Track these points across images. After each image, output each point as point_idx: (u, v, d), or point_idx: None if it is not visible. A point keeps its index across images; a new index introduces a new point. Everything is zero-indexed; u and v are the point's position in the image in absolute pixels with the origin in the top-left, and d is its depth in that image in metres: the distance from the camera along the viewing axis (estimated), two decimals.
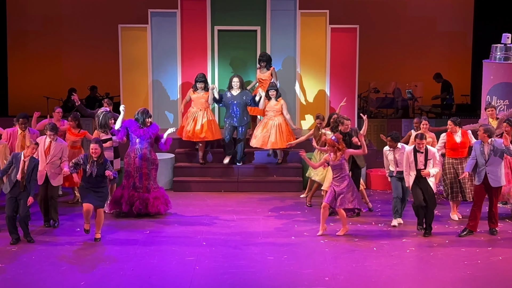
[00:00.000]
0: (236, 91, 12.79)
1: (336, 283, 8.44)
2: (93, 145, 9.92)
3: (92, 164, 9.86)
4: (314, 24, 14.65)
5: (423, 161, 10.14)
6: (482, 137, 10.11)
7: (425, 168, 10.13)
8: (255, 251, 9.55)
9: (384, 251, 9.58)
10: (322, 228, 10.29)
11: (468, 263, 9.13)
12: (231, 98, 12.78)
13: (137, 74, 14.73)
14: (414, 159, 10.16)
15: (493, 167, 10.08)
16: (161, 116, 14.78)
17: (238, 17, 14.63)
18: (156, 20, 14.63)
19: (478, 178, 10.18)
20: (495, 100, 12.39)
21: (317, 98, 14.78)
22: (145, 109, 11.33)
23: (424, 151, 10.15)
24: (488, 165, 10.07)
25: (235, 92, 12.80)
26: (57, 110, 12.23)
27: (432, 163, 10.16)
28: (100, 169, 9.89)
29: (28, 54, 17.80)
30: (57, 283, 8.39)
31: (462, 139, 10.88)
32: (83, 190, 9.98)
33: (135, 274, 8.69)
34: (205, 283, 8.42)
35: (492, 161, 10.06)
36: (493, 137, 10.16)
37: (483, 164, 10.09)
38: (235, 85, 12.81)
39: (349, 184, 10.24)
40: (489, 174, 10.07)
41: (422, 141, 10.14)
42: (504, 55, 12.45)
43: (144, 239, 10.05)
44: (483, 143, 10.12)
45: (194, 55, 14.68)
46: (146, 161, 11.07)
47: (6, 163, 9.90)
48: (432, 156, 10.18)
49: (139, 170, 11.03)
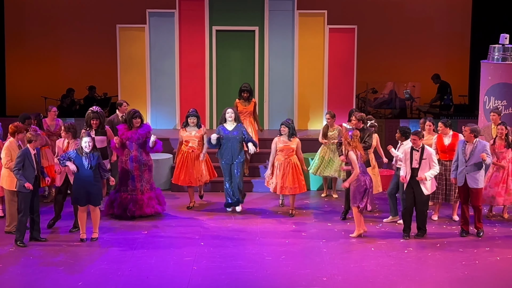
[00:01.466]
0: (231, 125, 11.40)
1: (334, 283, 8.44)
2: (85, 139, 9.85)
3: (86, 156, 9.81)
4: (312, 25, 14.65)
5: (417, 160, 10.02)
6: (468, 137, 10.08)
7: (419, 167, 10.07)
8: (253, 251, 9.55)
9: (382, 252, 9.58)
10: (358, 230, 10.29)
11: (465, 263, 9.14)
12: (226, 133, 11.36)
13: (135, 74, 14.73)
14: (410, 157, 10.11)
15: (472, 167, 10.03)
16: (159, 117, 14.78)
17: (236, 17, 14.64)
18: (154, 20, 14.63)
19: (460, 179, 10.17)
20: (493, 100, 12.39)
21: (315, 98, 14.78)
22: (132, 110, 11.15)
23: (420, 150, 10.11)
24: (468, 165, 10.04)
25: (230, 126, 11.41)
26: (53, 109, 12.17)
27: (428, 164, 10.05)
28: (94, 161, 9.83)
29: (26, 54, 17.78)
30: (54, 283, 8.39)
31: (452, 141, 10.82)
32: (75, 191, 9.89)
33: (132, 274, 8.69)
34: (203, 284, 8.42)
35: (472, 161, 10.02)
36: (478, 137, 10.16)
37: (463, 164, 10.07)
38: (229, 118, 11.43)
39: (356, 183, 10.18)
40: (467, 174, 10.06)
41: (415, 137, 10.08)
42: (502, 56, 12.45)
43: (141, 239, 10.05)
44: (467, 143, 10.11)
45: (192, 55, 14.68)
46: (137, 163, 10.97)
47: (17, 162, 9.67)
48: (428, 156, 10.04)
49: (131, 173, 10.98)
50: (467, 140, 10.14)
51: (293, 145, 11.01)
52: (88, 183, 9.84)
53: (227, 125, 11.38)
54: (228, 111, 11.41)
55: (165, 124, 14.69)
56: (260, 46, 14.66)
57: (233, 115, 11.37)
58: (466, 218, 10.27)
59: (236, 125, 11.38)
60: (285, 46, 14.69)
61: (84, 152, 9.81)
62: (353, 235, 10.21)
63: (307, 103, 14.80)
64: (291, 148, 11.00)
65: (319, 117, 14.76)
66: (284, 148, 11.01)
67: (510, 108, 12.28)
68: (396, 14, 17.81)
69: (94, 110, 11.24)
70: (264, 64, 14.74)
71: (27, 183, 9.57)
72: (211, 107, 14.88)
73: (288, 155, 11.01)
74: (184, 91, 14.77)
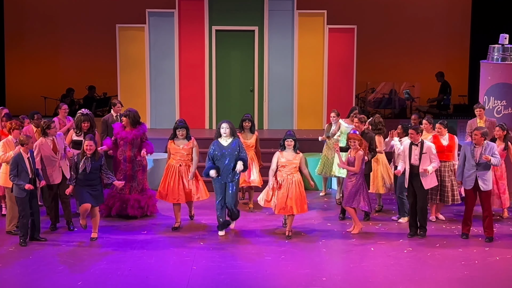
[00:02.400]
0: (227, 140, 10.20)
1: (333, 283, 8.44)
2: (87, 142, 9.86)
3: (86, 160, 9.82)
4: (311, 24, 14.67)
5: (417, 155, 10.01)
6: (479, 141, 9.96)
7: (419, 163, 10.04)
8: (253, 251, 9.55)
9: (381, 252, 9.58)
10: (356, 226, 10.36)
11: (465, 263, 9.14)
12: (221, 150, 10.20)
13: (134, 74, 14.74)
14: (409, 153, 10.08)
15: (483, 170, 9.96)
16: (159, 116, 14.78)
17: (236, 17, 14.65)
18: (154, 20, 14.64)
19: (468, 183, 10.04)
20: (492, 100, 12.39)
21: (315, 98, 14.79)
22: (127, 109, 11.09)
23: (419, 145, 10.09)
24: (478, 169, 9.97)
25: (225, 141, 10.22)
26: (63, 107, 12.16)
27: (428, 158, 10.02)
28: (95, 164, 9.84)
29: (25, 54, 17.79)
30: (54, 283, 8.39)
31: (449, 143, 10.79)
32: (78, 191, 9.92)
33: (132, 274, 8.69)
34: (202, 283, 8.42)
35: (482, 164, 9.94)
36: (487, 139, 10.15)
37: (473, 167, 9.97)
38: (224, 132, 10.19)
39: (356, 184, 10.22)
40: (479, 178, 9.97)
41: (413, 131, 10.05)
42: (502, 56, 12.45)
43: (141, 239, 10.04)
44: (475, 146, 9.98)
45: (192, 55, 14.70)
46: (130, 163, 10.93)
47: (11, 169, 9.70)
48: (428, 150, 10.02)
49: (124, 172, 10.96)
50: (477, 143, 9.99)
51: (296, 160, 10.06)
52: (90, 184, 9.86)
53: (222, 140, 10.19)
54: (222, 125, 10.19)
55: (165, 123, 14.68)
56: (260, 46, 14.66)
57: (228, 130, 10.13)
58: (470, 221, 10.21)
59: (232, 140, 10.18)
60: (285, 46, 14.70)
61: (85, 156, 9.83)
62: (353, 232, 10.25)
63: (306, 102, 14.81)
64: (294, 164, 10.08)
65: (319, 116, 14.78)
66: (288, 163, 10.09)
67: (509, 108, 12.27)
68: (395, 14, 17.81)
69: (84, 112, 11.16)
70: (263, 64, 14.75)
71: (27, 185, 9.57)
72: (210, 107, 14.89)
73: (292, 172, 10.12)
74: (184, 90, 14.77)
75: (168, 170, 10.53)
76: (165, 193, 10.50)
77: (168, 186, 10.48)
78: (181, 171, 10.47)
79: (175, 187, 10.45)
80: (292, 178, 10.04)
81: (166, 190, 10.49)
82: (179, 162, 10.48)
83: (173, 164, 10.51)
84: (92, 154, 9.85)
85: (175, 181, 10.45)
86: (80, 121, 11.06)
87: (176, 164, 10.49)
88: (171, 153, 10.55)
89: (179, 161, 10.48)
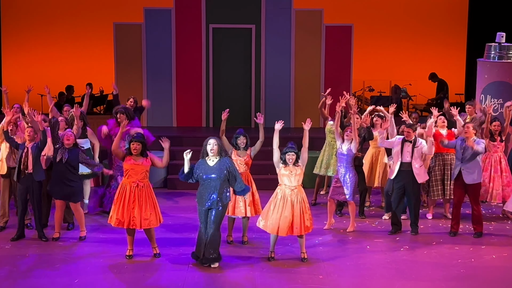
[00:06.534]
0: (213, 159, 8.83)
1: (330, 281, 8.44)
2: (68, 133, 9.72)
3: (63, 150, 9.62)
4: (309, 22, 14.66)
5: (410, 151, 10.00)
6: (471, 134, 9.89)
7: (411, 160, 10.01)
8: (250, 249, 9.55)
9: (377, 249, 9.59)
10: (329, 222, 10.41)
11: (461, 261, 9.15)
12: (206, 172, 8.87)
13: (131, 71, 14.72)
14: (401, 150, 10.06)
15: (468, 163, 9.91)
16: (155, 114, 14.77)
17: (233, 15, 14.65)
18: (151, 17, 14.62)
19: (452, 176, 10.18)
20: (489, 98, 12.41)
21: (312, 96, 14.79)
22: (121, 106, 11.01)
23: (412, 141, 10.05)
24: (463, 161, 9.94)
25: (212, 161, 8.85)
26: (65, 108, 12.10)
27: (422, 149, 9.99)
28: (72, 155, 9.62)
29: (22, 51, 17.74)
30: (50, 281, 8.37)
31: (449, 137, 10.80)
32: (52, 184, 9.68)
33: (129, 271, 8.68)
34: (199, 282, 8.42)
35: (467, 157, 9.90)
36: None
37: (459, 159, 9.99)
38: (211, 152, 8.80)
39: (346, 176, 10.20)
40: (463, 170, 9.96)
41: (409, 129, 10.07)
42: (498, 54, 12.47)
43: (137, 237, 10.02)
44: (466, 139, 9.92)
45: (189, 53, 14.69)
46: None
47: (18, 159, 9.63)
48: (420, 144, 10.01)
49: (119, 169, 10.92)
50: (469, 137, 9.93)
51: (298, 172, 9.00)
52: (64, 178, 9.61)
53: (208, 160, 8.82)
54: (210, 141, 8.77)
55: (161, 121, 14.68)
56: (257, 44, 14.66)
57: (216, 147, 8.72)
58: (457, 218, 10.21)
59: (219, 160, 8.78)
60: (282, 44, 14.70)
61: (63, 147, 9.65)
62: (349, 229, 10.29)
63: (303, 100, 14.81)
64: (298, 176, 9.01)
65: (316, 115, 14.77)
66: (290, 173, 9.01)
67: None
68: (392, 12, 17.82)
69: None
70: (260, 62, 14.75)
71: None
72: (207, 105, 14.88)
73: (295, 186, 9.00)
74: (181, 88, 14.77)
75: (121, 190, 9.12)
76: (115, 215, 9.11)
77: (118, 208, 9.09)
78: (137, 191, 9.06)
79: (128, 209, 9.03)
80: (297, 193, 8.91)
81: (117, 213, 9.10)
82: (136, 183, 9.05)
83: (126, 182, 9.10)
84: (70, 146, 9.67)
85: (130, 202, 9.02)
86: (73, 119, 11.01)
87: (130, 182, 9.06)
88: (124, 168, 9.18)
89: (135, 182, 9.05)
